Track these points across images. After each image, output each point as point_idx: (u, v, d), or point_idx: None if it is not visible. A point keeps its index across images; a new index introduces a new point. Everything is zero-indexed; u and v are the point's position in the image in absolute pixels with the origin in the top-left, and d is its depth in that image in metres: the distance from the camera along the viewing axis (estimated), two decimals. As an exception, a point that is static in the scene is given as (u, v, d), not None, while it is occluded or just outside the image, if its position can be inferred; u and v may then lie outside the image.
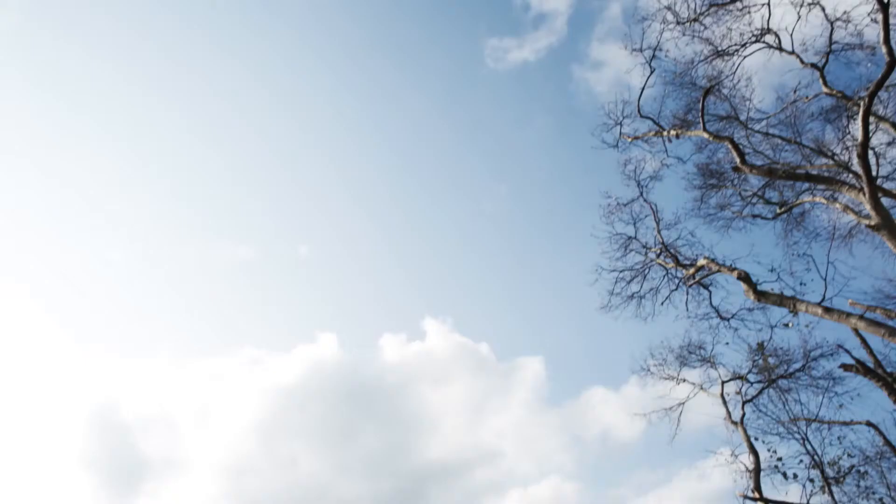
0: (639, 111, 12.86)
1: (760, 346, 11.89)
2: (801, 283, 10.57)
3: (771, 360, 11.99)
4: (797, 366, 11.72)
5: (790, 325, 11.00)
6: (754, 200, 13.04)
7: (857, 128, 8.96)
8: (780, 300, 9.46)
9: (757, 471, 9.88)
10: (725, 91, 12.76)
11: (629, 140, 13.25)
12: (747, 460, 10.39)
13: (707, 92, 11.43)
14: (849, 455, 10.73)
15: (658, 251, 12.75)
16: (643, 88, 12.56)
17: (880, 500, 10.18)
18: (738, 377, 12.27)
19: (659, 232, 12.78)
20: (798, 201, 11.99)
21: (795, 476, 10.37)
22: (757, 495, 9.38)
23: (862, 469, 10.46)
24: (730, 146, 10.71)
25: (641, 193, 13.21)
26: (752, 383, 12.15)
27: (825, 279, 9.33)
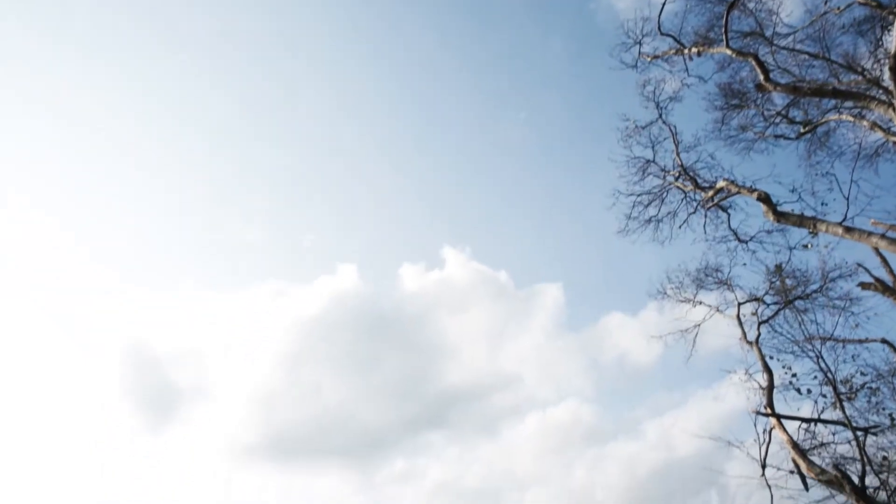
0: (659, 28, 12.34)
1: (778, 267, 11.87)
2: (822, 204, 10.42)
3: (788, 282, 12.00)
4: (814, 287, 11.73)
5: (809, 246, 10.94)
6: (777, 120, 12.66)
7: (890, 39, 8.55)
8: (800, 221, 9.35)
9: (770, 388, 10.09)
10: (751, 5, 12.17)
11: (648, 60, 12.80)
12: (761, 378, 10.60)
13: (731, 6, 10.89)
14: (862, 373, 10.87)
15: (676, 174, 12.56)
16: (664, 3, 12.01)
17: (890, 415, 10.38)
18: (754, 299, 12.33)
19: (678, 154, 12.54)
20: (823, 120, 11.62)
21: (809, 391, 10.58)
22: (769, 411, 9.61)
23: (874, 385, 10.63)
24: (754, 63, 10.32)
25: (660, 115, 12.89)
26: (768, 305, 12.22)
27: (847, 198, 9.18)
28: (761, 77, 10.08)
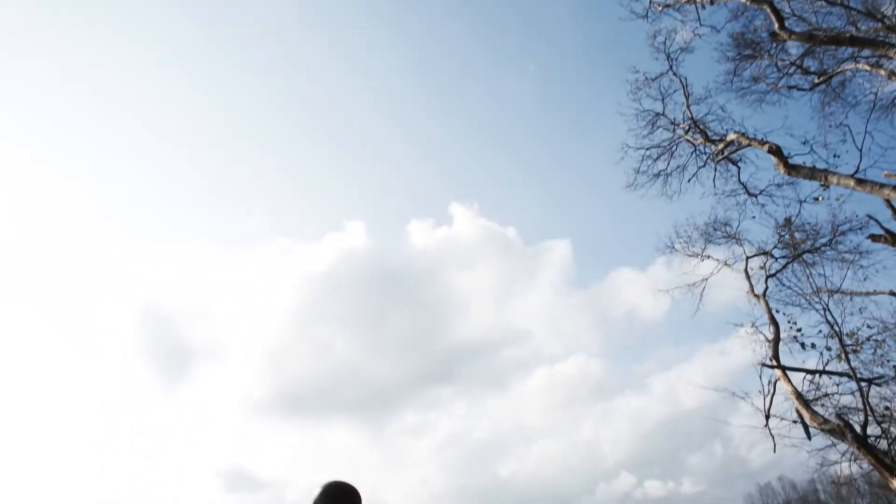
0: (671, -26, 11.97)
1: (788, 221, 11.80)
2: (834, 156, 10.26)
3: (797, 236, 11.95)
4: (824, 240, 11.67)
5: (820, 199, 10.84)
6: (791, 70, 12.37)
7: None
8: (811, 173, 9.25)
9: (776, 341, 10.17)
10: (767, -51, 11.73)
11: (660, 9, 12.45)
12: (767, 331, 10.67)
13: (747, -51, 10.52)
14: (868, 326, 10.92)
15: (686, 127, 12.38)
16: (677, -52, 11.61)
17: (895, 366, 10.47)
18: (762, 253, 12.31)
19: (688, 107, 12.34)
20: (839, 69, 11.34)
21: (813, 345, 10.67)
22: (775, 363, 9.72)
23: (880, 338, 10.70)
24: (769, 10, 10.03)
25: (671, 67, 12.62)
26: (776, 259, 12.20)
27: (860, 150, 9.04)
28: (776, 25, 9.82)
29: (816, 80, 11.78)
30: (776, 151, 9.64)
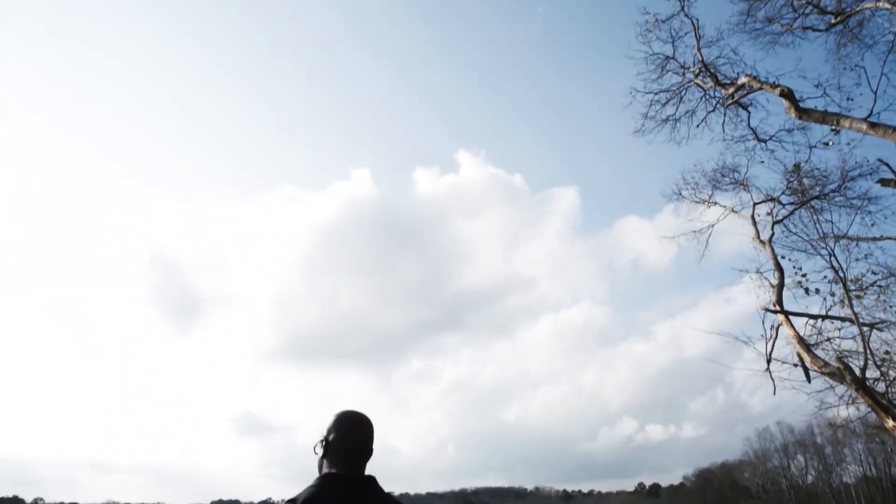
0: None
1: (797, 167, 11.66)
2: (847, 99, 10.03)
3: (806, 182, 11.82)
4: (833, 186, 11.54)
5: (831, 143, 10.67)
6: (807, 10, 11.96)
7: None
8: (823, 117, 9.09)
9: (780, 286, 10.22)
10: None
11: (673, -55, 11.98)
12: (772, 277, 10.71)
13: None
14: (873, 272, 10.94)
15: (697, 71, 12.09)
16: None
17: (898, 312, 10.55)
18: (770, 199, 12.21)
19: (699, 50, 12.01)
20: (858, 8, 10.95)
21: (817, 291, 10.73)
22: (778, 308, 9.80)
23: (884, 283, 10.73)
24: (787, -55, 9.64)
25: (682, 7, 12.21)
26: (783, 205, 12.11)
27: (875, 92, 8.84)
28: (793, -39, 9.45)
29: (833, 21, 11.40)
30: (788, 95, 9.44)
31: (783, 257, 11.04)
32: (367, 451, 1.96)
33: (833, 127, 9.09)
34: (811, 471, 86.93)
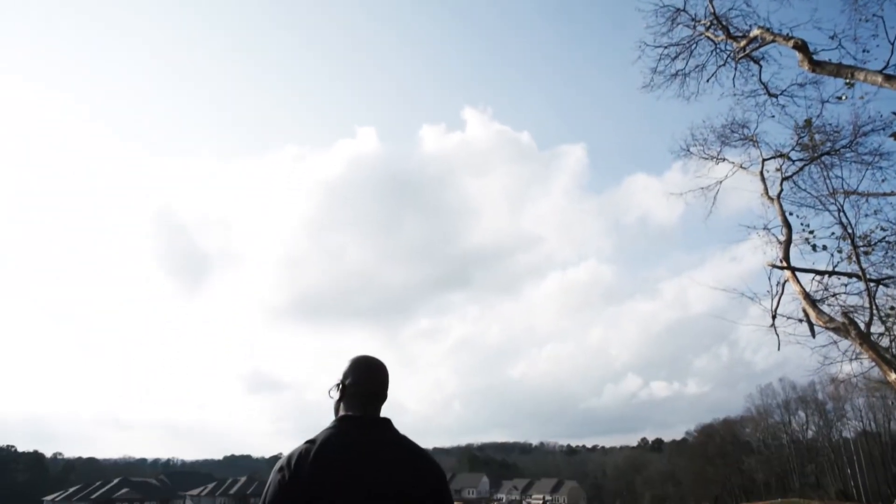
0: None
1: (808, 122, 11.47)
2: (863, 51, 9.78)
3: (817, 137, 11.66)
4: (844, 142, 11.37)
5: (844, 98, 10.46)
6: (824, -42, 11.59)
7: None
8: (837, 70, 8.90)
9: (787, 242, 10.20)
10: None
11: None
12: (780, 234, 10.69)
13: None
14: (882, 228, 10.88)
15: (708, 23, 11.79)
16: None
17: (905, 267, 10.53)
18: (779, 155, 12.07)
19: (711, 2, 11.70)
20: (876, -45, 10.61)
21: (825, 247, 10.70)
22: (784, 264, 9.81)
23: (892, 240, 10.68)
24: None
25: (695, -43, 11.85)
26: (793, 161, 11.97)
27: (893, 43, 8.62)
28: None
29: (851, -31, 11.06)
30: (801, 47, 9.23)
31: (791, 214, 11.00)
32: (381, 395, 2.01)
33: (847, 80, 8.92)
34: (812, 426, 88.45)
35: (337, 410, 1.99)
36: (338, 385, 2.01)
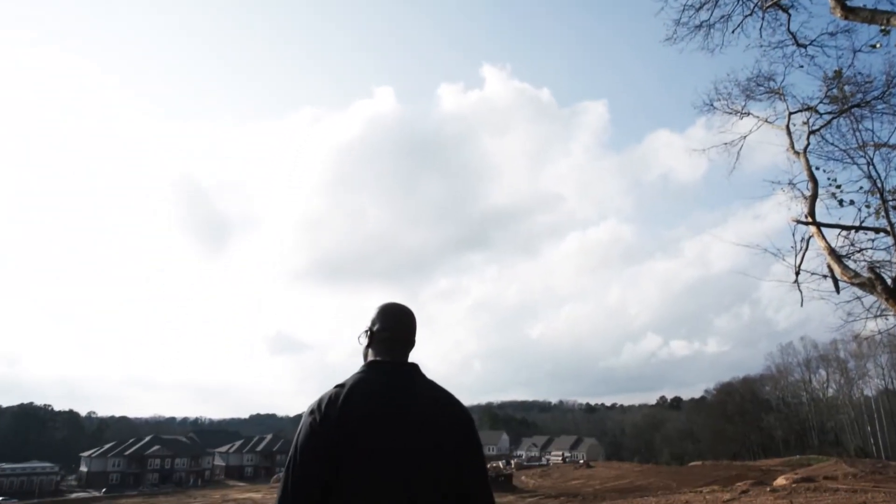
0: None
1: (837, 73, 11.06)
2: (900, -5, 9.35)
3: (847, 89, 11.26)
4: (876, 93, 10.97)
5: (878, 46, 10.04)
6: None
7: None
8: (872, 16, 8.53)
9: (813, 197, 9.98)
10: None
11: None
12: (805, 189, 10.46)
13: None
14: (912, 183, 10.59)
15: (735, -30, 11.33)
16: None
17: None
18: (806, 108, 11.69)
19: (739, -53, 11.21)
20: None
21: (852, 202, 10.45)
22: (810, 219, 9.63)
23: (922, 194, 10.41)
24: None
25: None
26: (821, 114, 11.61)
27: (931, -14, 8.23)
28: None
29: None
30: (834, -8, 8.84)
31: (818, 168, 10.71)
32: (410, 340, 2.04)
33: (882, 27, 8.56)
34: (832, 384, 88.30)
35: (366, 356, 2.03)
36: (366, 331, 2.05)
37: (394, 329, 2.01)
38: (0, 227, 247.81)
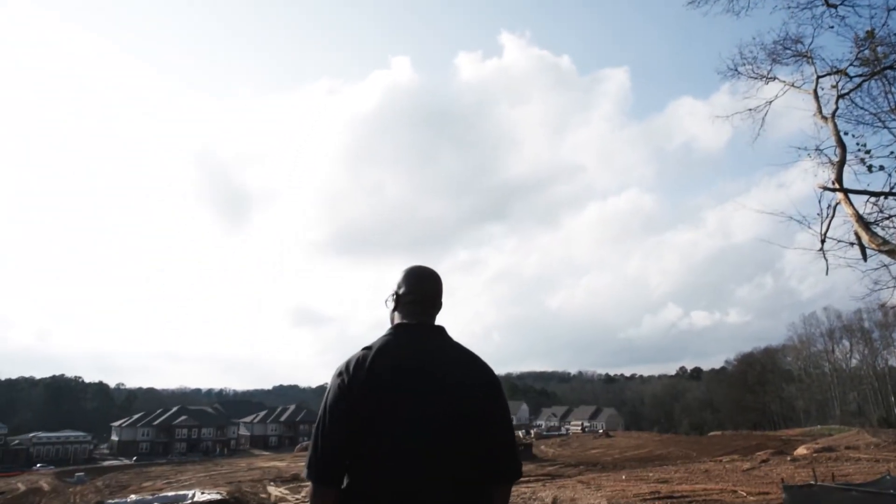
0: None
1: (870, 33, 10.65)
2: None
3: (879, 50, 10.85)
4: (909, 53, 10.58)
5: (913, 3, 9.66)
6: None
7: None
8: (906, -27, 8.20)
9: (841, 163, 9.70)
10: None
11: None
12: (833, 155, 10.18)
13: None
14: (945, 145, 10.24)
15: (763, -73, 10.91)
16: None
17: (968, 189, 9.97)
18: (836, 72, 11.30)
19: None
20: None
21: (882, 167, 10.15)
22: (837, 186, 9.40)
23: (957, 158, 10.06)
24: None
25: None
26: (851, 77, 11.21)
27: (970, -61, 7.85)
28: None
29: None
30: (867, -52, 8.50)
31: (846, 133, 10.40)
32: (436, 303, 2.04)
33: (916, -17, 8.21)
34: (856, 354, 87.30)
35: (392, 320, 2.03)
36: (392, 295, 2.05)
37: (420, 292, 2.01)
38: (30, 204, 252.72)
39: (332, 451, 1.70)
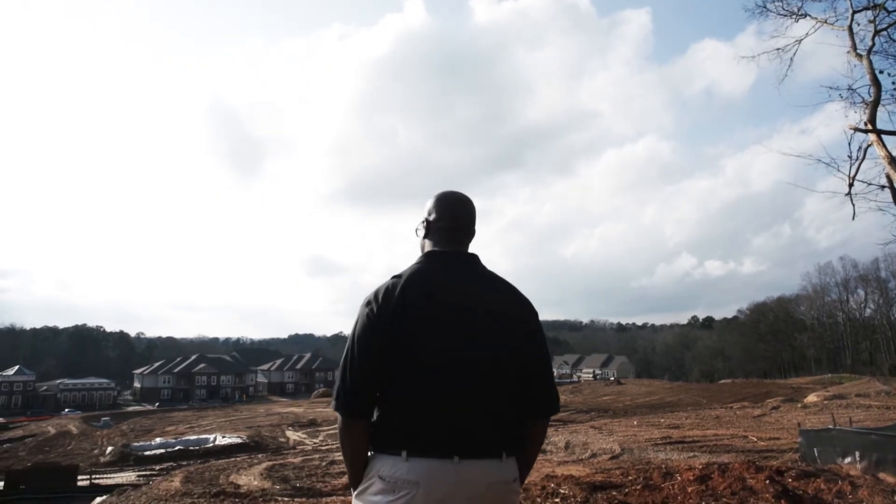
0: None
1: (911, -37, 10.05)
2: None
3: (920, -19, 10.24)
4: (953, -16, 9.98)
5: (960, -71, 9.04)
6: None
7: None
8: None
9: (875, 103, 9.27)
10: None
11: None
12: (867, 94, 9.73)
13: None
14: None
15: None
16: None
17: None
18: (872, 6, 10.71)
19: None
20: None
21: (917, 105, 9.73)
22: (870, 126, 9.02)
23: None
24: None
25: None
26: (889, 12, 10.63)
27: None
28: None
29: None
30: None
31: (881, 72, 9.90)
32: (470, 230, 1.90)
33: None
34: (870, 304, 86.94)
35: (423, 248, 1.90)
36: (423, 222, 1.91)
37: (452, 218, 1.87)
38: (50, 158, 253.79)
39: (362, 382, 1.60)
